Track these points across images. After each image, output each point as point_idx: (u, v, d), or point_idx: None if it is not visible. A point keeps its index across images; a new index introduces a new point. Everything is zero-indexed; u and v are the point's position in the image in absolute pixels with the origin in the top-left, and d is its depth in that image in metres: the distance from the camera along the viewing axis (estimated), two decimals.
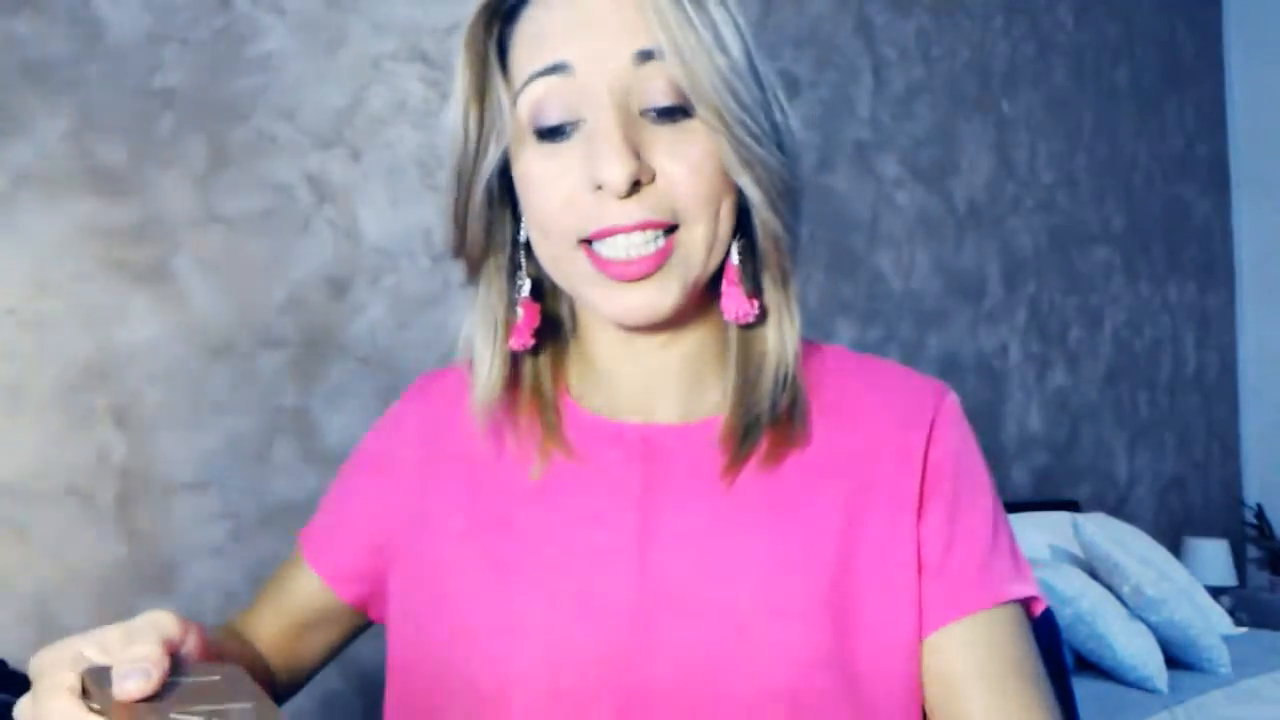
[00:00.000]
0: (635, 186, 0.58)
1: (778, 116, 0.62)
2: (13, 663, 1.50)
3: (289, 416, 1.82)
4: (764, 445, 0.65)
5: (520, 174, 0.62)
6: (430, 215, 2.02)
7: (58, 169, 1.64)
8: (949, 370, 2.93)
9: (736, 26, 0.60)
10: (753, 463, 0.65)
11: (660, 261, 0.60)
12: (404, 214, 1.99)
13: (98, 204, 1.67)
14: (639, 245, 0.60)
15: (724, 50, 0.59)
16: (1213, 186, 4.01)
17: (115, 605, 1.63)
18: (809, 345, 0.70)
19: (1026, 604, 0.67)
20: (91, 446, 1.63)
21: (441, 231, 0.69)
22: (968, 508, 0.66)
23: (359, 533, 0.72)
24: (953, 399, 0.69)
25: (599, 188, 0.58)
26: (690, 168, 0.59)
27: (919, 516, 0.65)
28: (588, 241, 0.61)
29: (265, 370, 1.81)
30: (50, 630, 1.57)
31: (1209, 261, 3.95)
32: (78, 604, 1.60)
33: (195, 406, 1.73)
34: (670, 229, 0.60)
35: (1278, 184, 3.94)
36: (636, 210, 0.59)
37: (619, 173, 0.57)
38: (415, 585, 0.67)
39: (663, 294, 0.61)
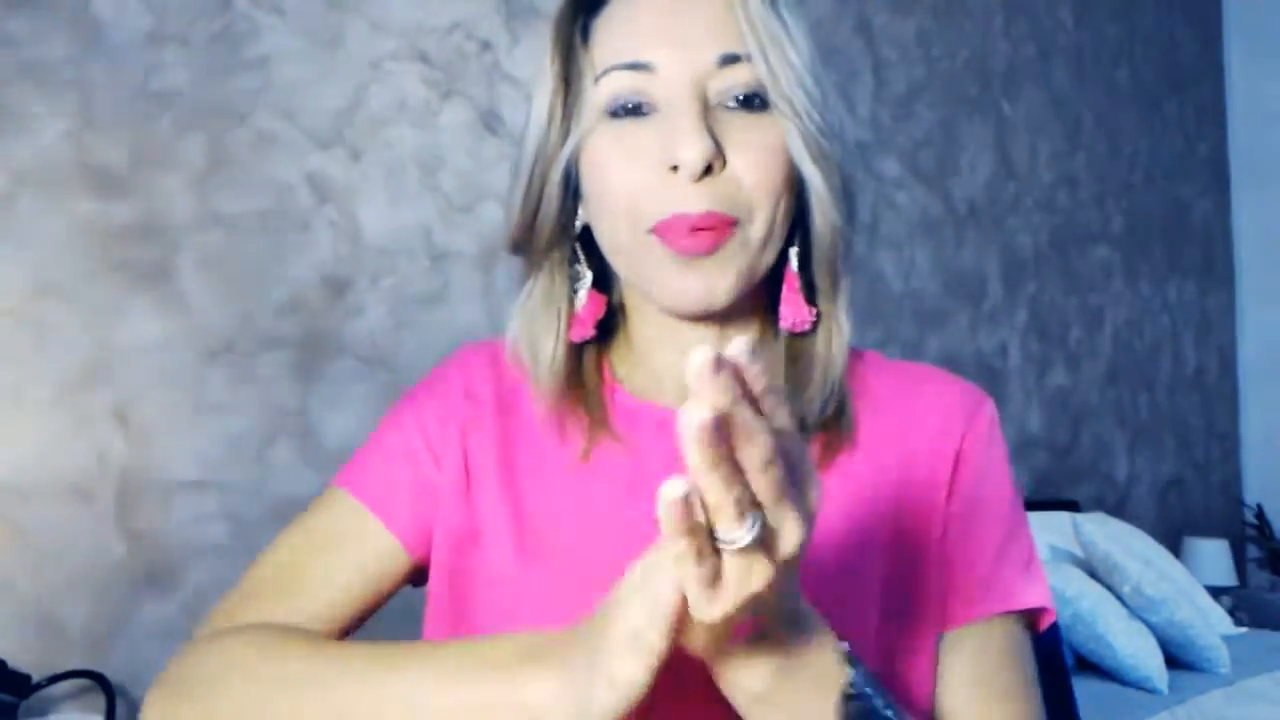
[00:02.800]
0: (708, 170, 0.59)
1: (836, 117, 0.64)
2: (13, 663, 1.50)
3: (289, 416, 1.82)
4: (814, 451, 0.65)
5: (591, 157, 0.63)
6: (430, 215, 2.02)
7: (58, 169, 1.64)
8: (949, 371, 2.92)
9: (803, 27, 0.63)
10: None
11: (720, 240, 0.60)
12: (404, 214, 1.98)
13: (98, 204, 1.67)
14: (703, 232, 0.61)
15: (796, 47, 0.62)
16: (1213, 186, 4.01)
17: (115, 605, 1.63)
18: (853, 352, 0.71)
19: (1034, 615, 0.67)
20: (91, 446, 1.63)
21: (444, 231, 0.69)
22: (981, 517, 0.67)
23: (418, 489, 0.69)
24: (989, 409, 0.70)
25: (673, 169, 0.60)
26: (760, 157, 0.61)
27: (944, 525, 0.66)
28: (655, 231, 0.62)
29: (265, 370, 1.80)
30: (50, 630, 1.57)
31: (1209, 261, 3.95)
32: (78, 604, 1.60)
33: (195, 406, 1.73)
34: (732, 225, 0.61)
35: (1278, 184, 3.94)
36: (706, 198, 0.60)
37: (697, 153, 0.58)
38: (451, 555, 0.67)
39: (720, 280, 0.61)
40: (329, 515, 0.69)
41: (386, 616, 0.72)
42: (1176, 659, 2.34)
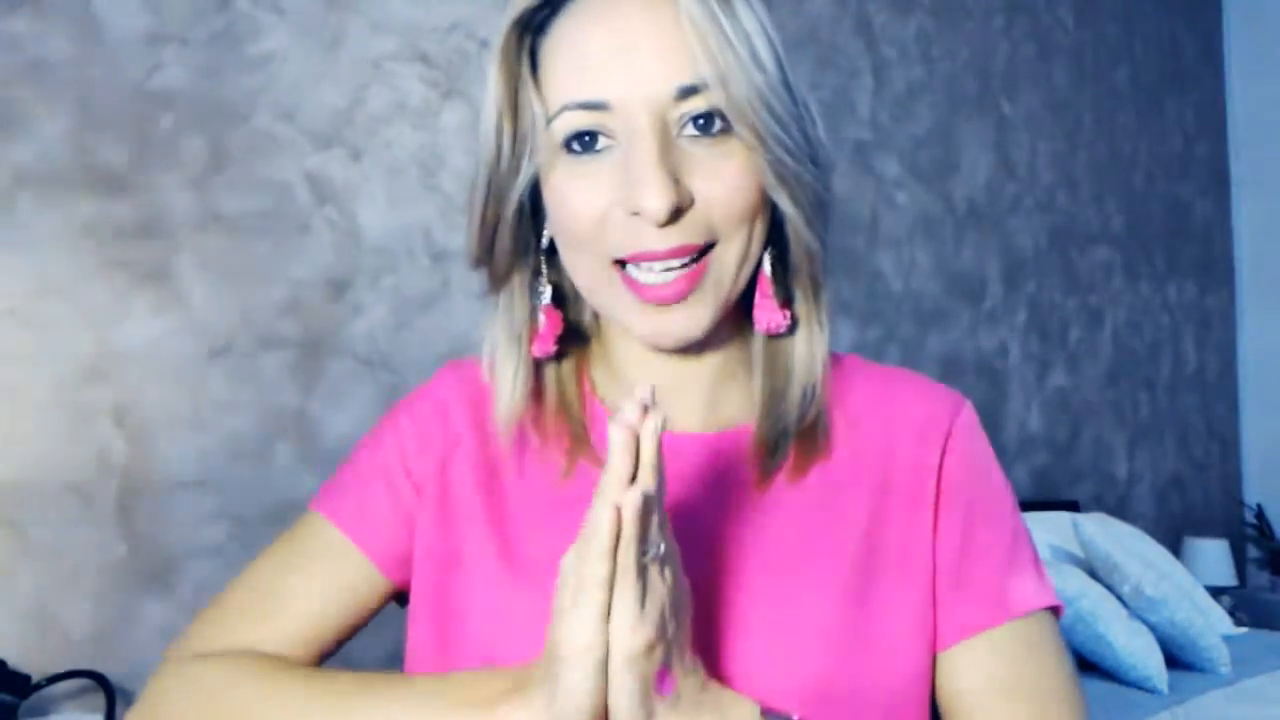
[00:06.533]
0: (675, 214, 0.57)
1: (809, 129, 0.62)
2: (13, 663, 1.50)
3: (289, 416, 1.82)
4: (791, 458, 0.65)
5: (552, 189, 0.61)
6: (430, 215, 2.02)
7: (58, 169, 1.64)
8: (949, 370, 2.92)
9: (769, 38, 0.59)
10: (780, 475, 0.65)
11: (694, 283, 0.59)
12: (404, 214, 1.98)
13: (98, 204, 1.67)
14: (675, 269, 0.59)
15: (760, 67, 0.58)
16: (1213, 186, 4.01)
17: (115, 605, 1.63)
18: (833, 357, 0.70)
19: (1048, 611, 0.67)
20: (91, 446, 1.63)
21: (444, 231, 0.68)
22: (984, 524, 0.66)
23: (395, 513, 0.68)
24: (968, 413, 0.69)
25: (636, 214, 0.57)
26: (728, 187, 0.59)
27: (934, 533, 0.65)
28: (620, 262, 0.60)
29: (265, 370, 1.81)
30: (50, 630, 1.57)
31: (1209, 261, 3.94)
32: (78, 604, 1.60)
33: (195, 406, 1.73)
34: (704, 249, 0.60)
35: (1278, 184, 3.94)
36: (673, 236, 0.58)
37: (660, 204, 0.56)
38: (433, 581, 0.66)
39: (696, 318, 0.60)
40: (306, 540, 0.69)
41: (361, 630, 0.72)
42: (1176, 659, 2.34)
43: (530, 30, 0.62)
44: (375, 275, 1.94)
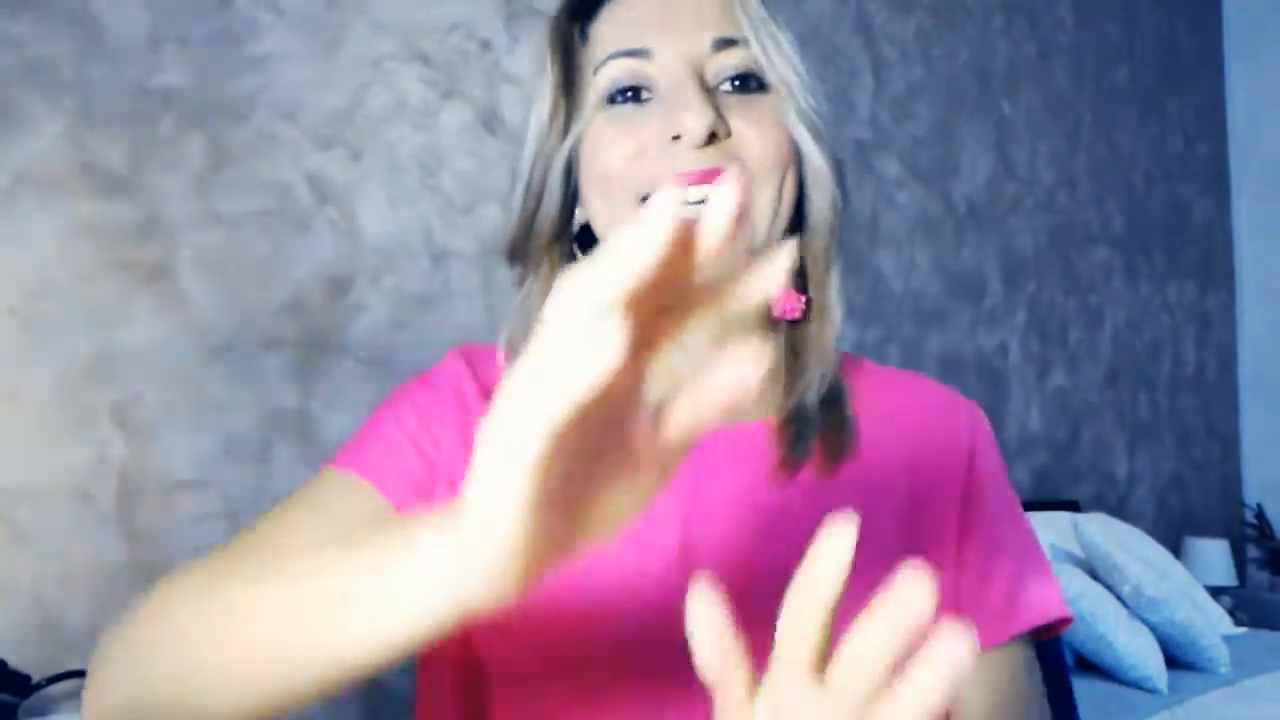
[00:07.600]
0: (712, 139, 0.61)
1: (823, 102, 0.68)
2: (13, 663, 1.50)
3: (289, 416, 1.82)
4: (817, 455, 0.65)
5: (591, 138, 0.64)
6: (430, 215, 2.02)
7: (58, 169, 1.64)
8: (949, 370, 2.92)
9: (782, 27, 0.68)
10: (806, 472, 0.65)
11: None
12: (404, 214, 1.98)
13: (98, 204, 1.67)
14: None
15: (785, 36, 0.66)
16: (1213, 186, 4.01)
17: (115, 605, 1.63)
18: (846, 357, 0.70)
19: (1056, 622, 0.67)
20: (91, 446, 1.63)
21: (444, 231, 0.67)
22: (1004, 536, 0.66)
23: (417, 471, 0.65)
24: (984, 424, 0.71)
25: (676, 138, 0.61)
26: (763, 130, 0.63)
27: (958, 546, 0.65)
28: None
29: (265, 370, 1.80)
30: (50, 630, 1.57)
31: (1209, 261, 3.94)
32: (78, 604, 1.60)
33: (195, 406, 1.73)
34: None
35: (1278, 184, 3.94)
36: (708, 158, 0.61)
37: (700, 123, 0.60)
38: None
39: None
40: (322, 486, 0.65)
41: None
42: (1176, 659, 2.34)
43: (580, 14, 0.67)
44: (375, 275, 1.94)
